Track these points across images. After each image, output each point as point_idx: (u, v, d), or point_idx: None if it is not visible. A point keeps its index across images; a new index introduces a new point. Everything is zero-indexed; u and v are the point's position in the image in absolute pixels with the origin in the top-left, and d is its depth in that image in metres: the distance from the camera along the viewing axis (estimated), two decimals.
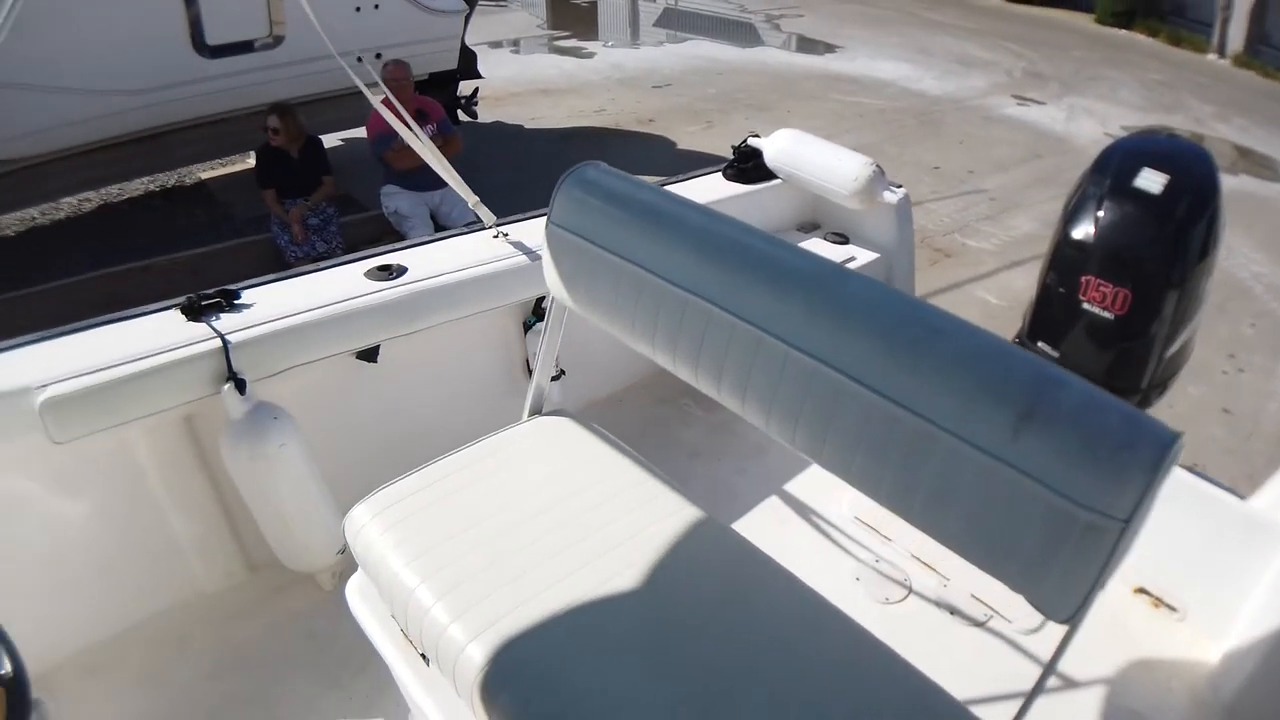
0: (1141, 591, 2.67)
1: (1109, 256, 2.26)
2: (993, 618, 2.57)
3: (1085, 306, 2.30)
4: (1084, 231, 2.30)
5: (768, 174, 3.91)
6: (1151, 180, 2.23)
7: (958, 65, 14.41)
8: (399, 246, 3.18)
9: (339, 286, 2.83)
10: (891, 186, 3.71)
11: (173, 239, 7.38)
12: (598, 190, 1.90)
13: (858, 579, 2.68)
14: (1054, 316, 2.40)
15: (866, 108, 11.98)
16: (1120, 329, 2.27)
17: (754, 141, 3.95)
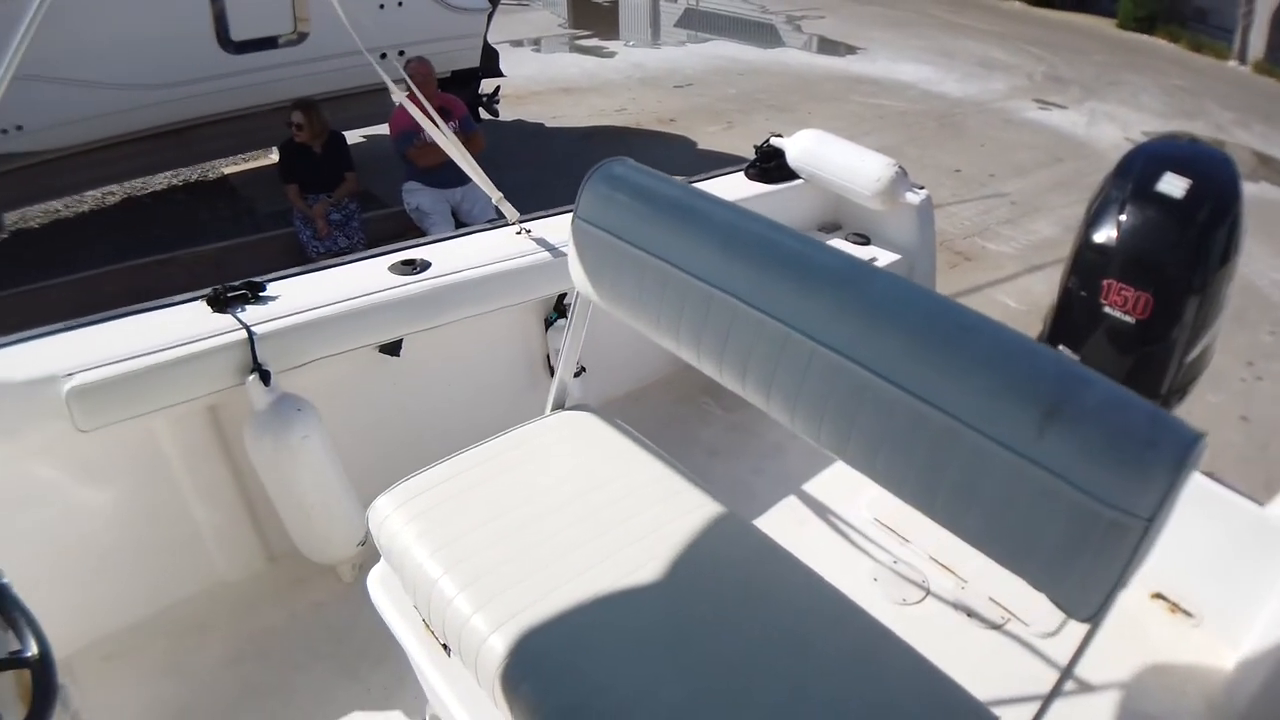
0: (1158, 597, 2.66)
1: (1131, 260, 2.26)
2: (1010, 621, 2.57)
3: (1106, 310, 2.29)
4: (1106, 235, 2.30)
5: (790, 174, 3.92)
6: (1174, 185, 2.23)
7: (979, 68, 14.36)
8: (423, 242, 3.20)
9: (363, 280, 2.85)
10: (914, 187, 3.71)
11: (195, 233, 7.43)
12: (625, 186, 1.90)
13: (875, 580, 2.68)
14: (1075, 320, 2.40)
15: (887, 110, 11.96)
16: (1141, 333, 2.26)
17: (776, 141, 3.95)
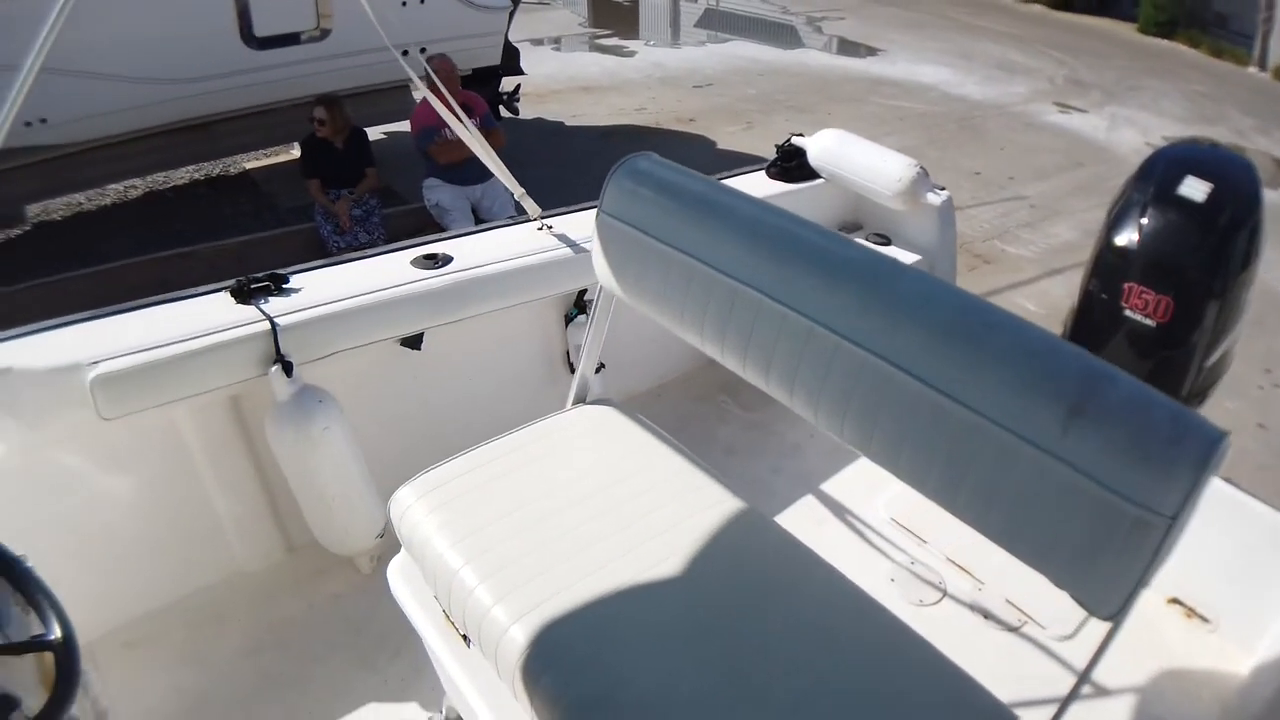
0: (1175, 602, 2.66)
1: (1151, 264, 2.25)
2: (1026, 623, 2.57)
3: (1127, 313, 2.29)
4: (1127, 238, 2.30)
5: (810, 173, 3.92)
6: (1195, 188, 2.23)
7: (999, 71, 14.30)
8: (445, 236, 3.22)
9: (385, 274, 2.87)
10: (935, 188, 3.70)
11: (217, 227, 7.47)
12: (649, 180, 1.90)
13: (893, 580, 2.68)
14: (1095, 322, 2.39)
15: (907, 111, 11.92)
16: (1161, 337, 2.26)
17: (798, 140, 3.95)
